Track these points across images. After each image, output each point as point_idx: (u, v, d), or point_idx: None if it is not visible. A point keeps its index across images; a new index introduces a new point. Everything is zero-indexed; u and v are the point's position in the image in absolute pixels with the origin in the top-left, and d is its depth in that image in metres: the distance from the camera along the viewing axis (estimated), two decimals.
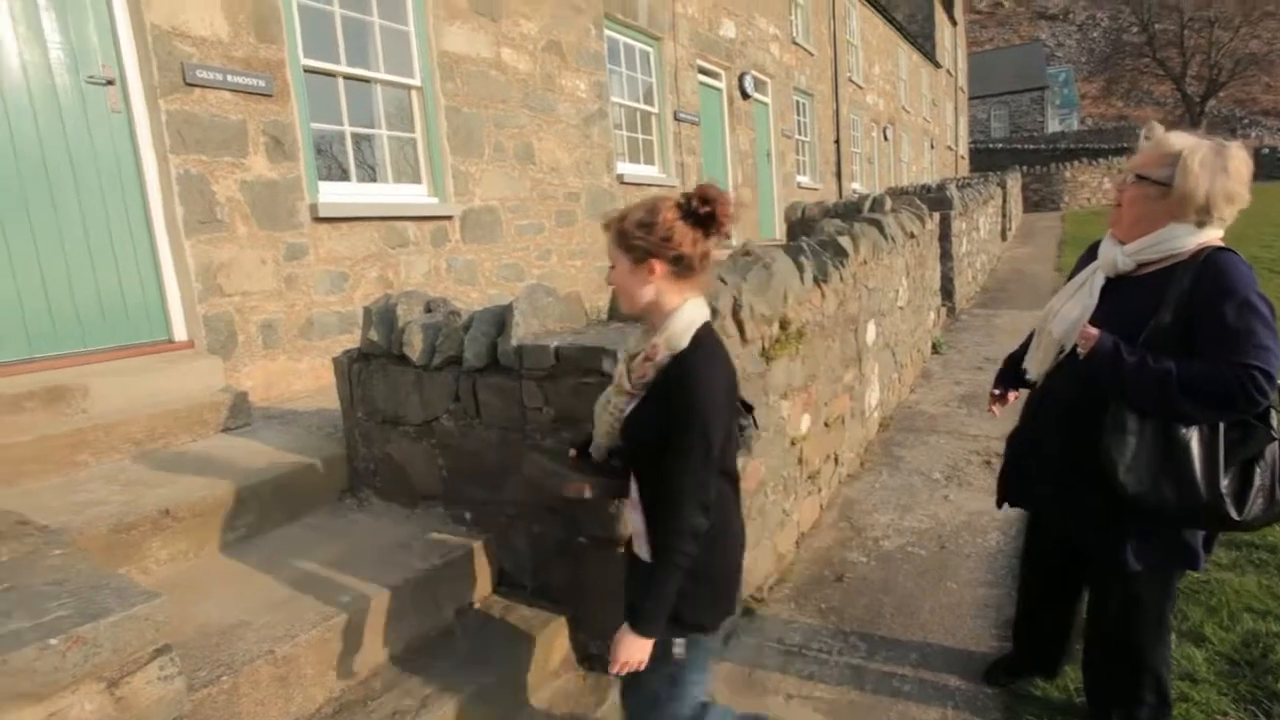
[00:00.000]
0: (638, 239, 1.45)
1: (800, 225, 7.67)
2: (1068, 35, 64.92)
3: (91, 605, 1.05)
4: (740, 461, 1.73)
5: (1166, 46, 33.64)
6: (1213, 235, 1.59)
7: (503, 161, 5.62)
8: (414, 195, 5.04)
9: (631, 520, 1.61)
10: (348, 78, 4.66)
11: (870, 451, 4.45)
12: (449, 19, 5.18)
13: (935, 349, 6.75)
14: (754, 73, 9.83)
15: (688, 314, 1.47)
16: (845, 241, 4.04)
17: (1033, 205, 22.42)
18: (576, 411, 2.12)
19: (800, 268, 3.32)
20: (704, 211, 1.43)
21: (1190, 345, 1.53)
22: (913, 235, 5.79)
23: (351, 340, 4.38)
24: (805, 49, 11.91)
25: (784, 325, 3.10)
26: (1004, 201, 14.49)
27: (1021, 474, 1.98)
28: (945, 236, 7.78)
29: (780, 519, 3.21)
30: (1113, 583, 1.80)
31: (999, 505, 2.07)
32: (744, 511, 2.78)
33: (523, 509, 2.34)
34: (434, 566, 2.32)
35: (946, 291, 7.95)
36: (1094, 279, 1.76)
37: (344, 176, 4.70)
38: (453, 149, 5.20)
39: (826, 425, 3.78)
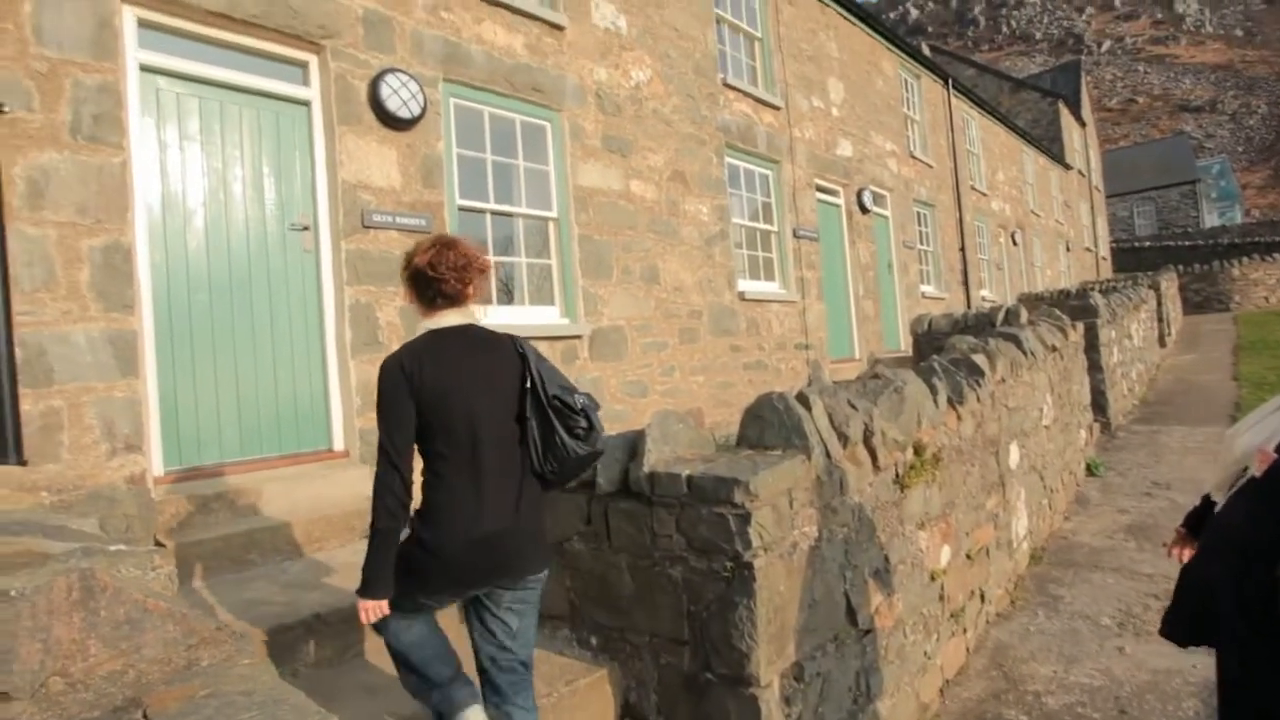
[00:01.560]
0: (400, 274, 1.97)
1: (926, 338, 7.42)
2: (1218, 126, 61.08)
3: None
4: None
5: None
6: None
7: (629, 283, 5.96)
8: (547, 316, 5.43)
9: None
10: (494, 213, 5.22)
11: (1021, 588, 4.02)
12: (584, 158, 5.74)
13: (1091, 471, 6.12)
14: (872, 188, 9.96)
15: (420, 329, 1.92)
16: (980, 359, 3.87)
17: (1195, 307, 20.40)
18: (709, 541, 2.11)
19: (933, 389, 3.20)
20: (414, 262, 1.90)
21: None
22: (1054, 348, 5.44)
23: None
24: (924, 161, 11.98)
25: (918, 450, 2.96)
26: (1159, 304, 13.34)
27: (1188, 608, 1.72)
28: (1092, 347, 7.22)
29: (921, 663, 2.93)
30: None
31: (1160, 633, 1.81)
32: (878, 652, 2.59)
33: (651, 638, 2.30)
34: (559, 695, 2.31)
35: (1099, 406, 7.28)
36: None
37: (485, 301, 5.16)
38: (584, 273, 5.60)
39: (969, 557, 3.48)
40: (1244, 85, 64.06)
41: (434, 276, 1.86)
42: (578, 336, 5.45)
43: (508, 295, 5.39)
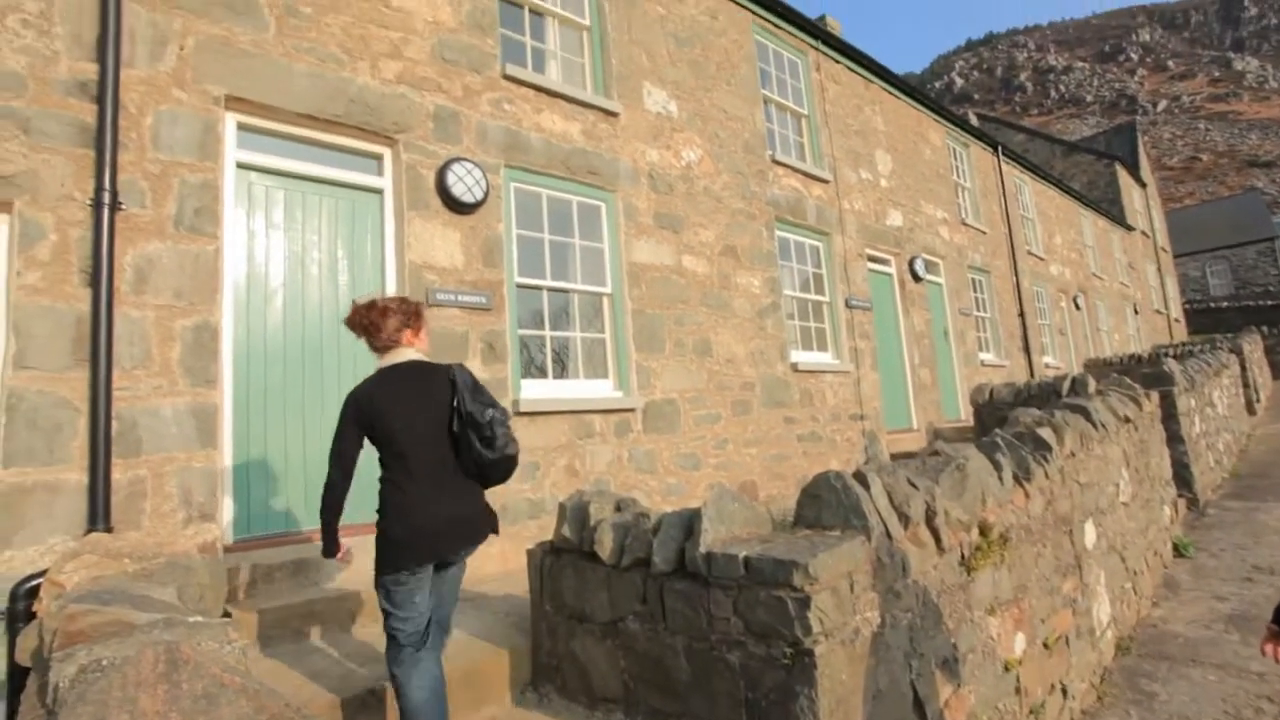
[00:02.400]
0: None
1: (988, 409, 7.19)
2: None
3: None
4: None
5: None
6: None
7: (682, 356, 6.03)
8: (601, 390, 5.52)
9: None
10: (550, 290, 5.42)
11: (1109, 683, 3.71)
12: (637, 235, 5.94)
13: (1179, 552, 5.69)
14: (924, 256, 9.92)
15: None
16: (1046, 433, 3.72)
17: None
18: (767, 625, 2.06)
19: (997, 466, 3.09)
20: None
21: None
22: (1127, 419, 5.19)
23: (539, 526, 4.66)
24: (976, 228, 11.89)
25: (984, 530, 2.84)
26: (1243, 369, 12.60)
27: None
28: (1170, 417, 6.85)
29: None
30: None
31: None
32: None
33: None
34: None
35: (1183, 480, 6.84)
36: None
37: (541, 374, 5.29)
38: (637, 346, 5.70)
39: (1046, 646, 3.26)
40: None
41: (357, 329, 2.54)
42: (631, 409, 5.50)
43: (561, 368, 5.51)
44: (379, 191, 4.61)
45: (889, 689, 2.21)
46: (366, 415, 2.38)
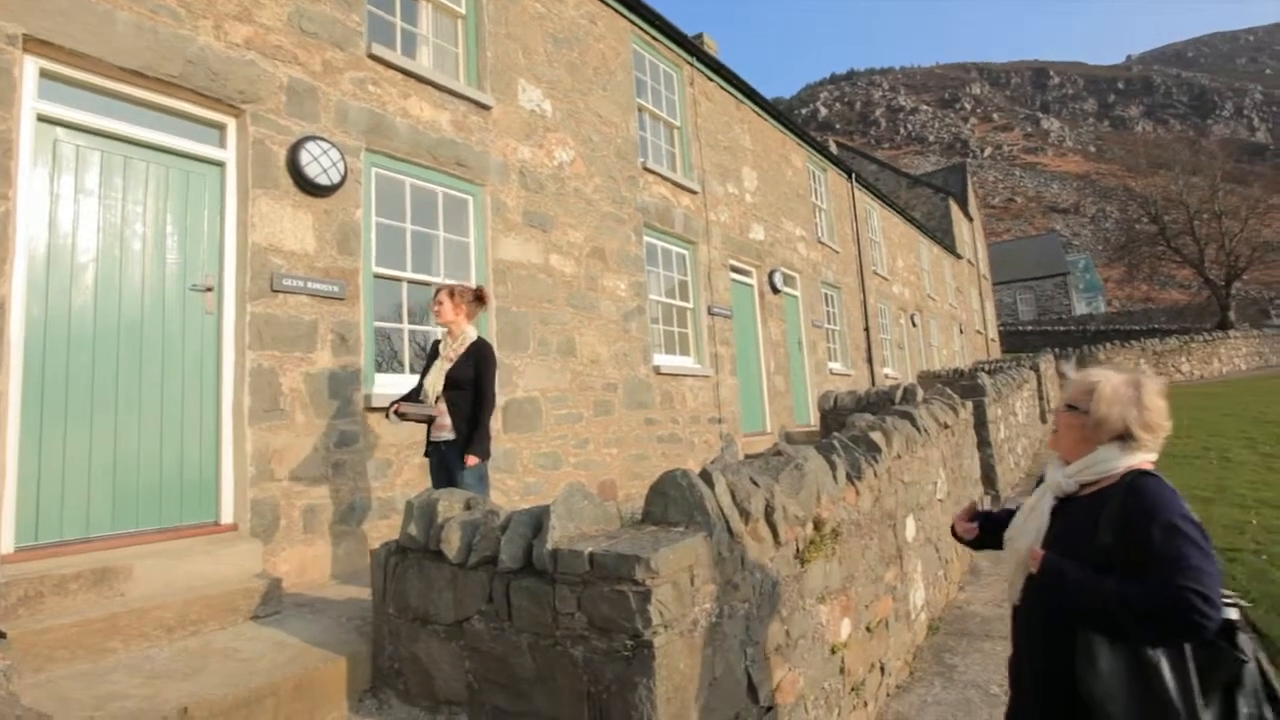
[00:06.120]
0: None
1: (832, 414, 7.78)
2: (1082, 226, 69.27)
3: None
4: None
5: (1179, 235, 34.52)
6: (1141, 459, 1.66)
7: (546, 355, 6.00)
8: None
9: (448, 423, 3.80)
10: (411, 282, 5.20)
11: (920, 659, 4.14)
12: (505, 231, 5.85)
13: None
14: (783, 269, 10.57)
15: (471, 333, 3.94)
16: (877, 437, 4.09)
17: None
18: (610, 619, 2.10)
19: (832, 465, 3.36)
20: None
21: (1135, 564, 1.54)
22: (946, 426, 5.82)
23: (389, 526, 4.45)
24: (831, 247, 12.85)
25: (818, 525, 3.08)
26: (1039, 384, 14.53)
27: (1019, 706, 1.88)
28: (981, 424, 7.76)
29: None
30: None
31: None
32: None
33: None
34: None
35: (989, 479, 7.77)
36: (1043, 500, 1.83)
37: (399, 369, 5.06)
38: (500, 344, 5.60)
39: (869, 630, 3.58)
40: (1099, 193, 73.23)
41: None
42: None
43: (422, 364, 5.29)
44: (220, 164, 4.21)
45: (725, 675, 2.33)
46: None
